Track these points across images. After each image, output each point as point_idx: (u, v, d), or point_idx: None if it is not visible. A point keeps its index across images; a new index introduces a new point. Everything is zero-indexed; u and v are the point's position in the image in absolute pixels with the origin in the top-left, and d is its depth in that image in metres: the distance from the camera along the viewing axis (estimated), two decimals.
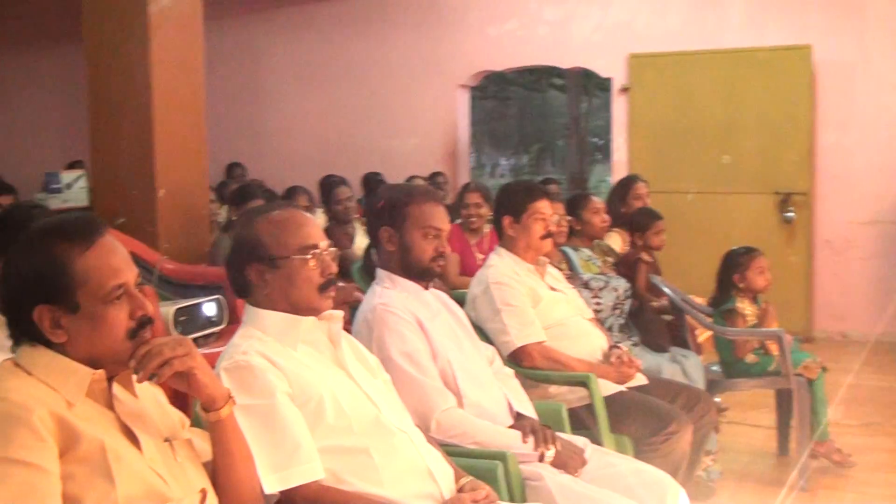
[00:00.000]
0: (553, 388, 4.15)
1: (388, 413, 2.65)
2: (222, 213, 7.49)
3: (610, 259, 5.74)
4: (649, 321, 5.19)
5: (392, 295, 3.28)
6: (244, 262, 2.67)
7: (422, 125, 9.98)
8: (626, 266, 5.62)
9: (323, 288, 2.66)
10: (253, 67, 10.67)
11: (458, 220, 6.47)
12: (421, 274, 3.34)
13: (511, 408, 3.38)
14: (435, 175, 9.33)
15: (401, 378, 3.10)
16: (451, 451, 3.03)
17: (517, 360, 4.12)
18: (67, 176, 6.91)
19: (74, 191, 6.76)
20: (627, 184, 6.60)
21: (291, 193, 7.37)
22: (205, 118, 6.55)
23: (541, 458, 3.16)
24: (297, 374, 2.53)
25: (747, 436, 5.82)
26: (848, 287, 8.71)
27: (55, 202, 6.61)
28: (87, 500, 1.92)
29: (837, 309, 8.74)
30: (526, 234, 4.30)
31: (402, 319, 3.18)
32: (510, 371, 3.63)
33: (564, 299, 4.36)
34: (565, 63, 9.83)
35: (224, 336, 4.28)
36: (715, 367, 5.37)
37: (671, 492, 3.25)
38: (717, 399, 6.17)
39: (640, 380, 4.32)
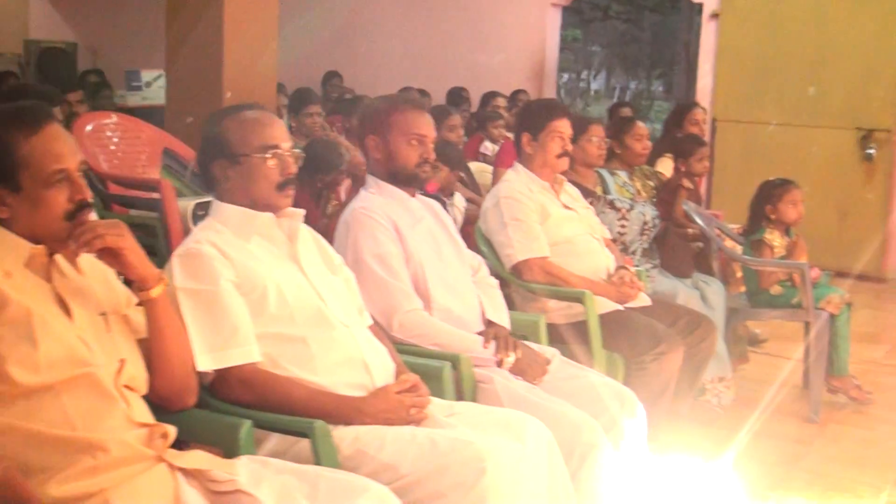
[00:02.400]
0: (552, 303, 4.28)
1: (333, 307, 2.83)
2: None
3: (651, 184, 5.78)
4: (674, 246, 5.24)
5: (374, 200, 3.45)
6: (210, 158, 2.87)
7: (510, 42, 10.02)
8: (666, 191, 5.66)
9: (281, 186, 2.84)
10: None
11: None
12: (407, 180, 3.50)
13: (484, 316, 3.53)
14: (517, 93, 9.39)
15: (370, 278, 3.28)
16: (410, 351, 3.23)
17: (518, 272, 4.27)
18: (148, 74, 7.21)
19: (154, 89, 7.06)
20: (684, 109, 6.58)
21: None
22: (277, 28, 6.73)
23: (500, 364, 3.32)
24: (244, 265, 2.73)
25: (777, 367, 5.85)
26: None
27: (135, 99, 6.91)
28: (11, 358, 2.16)
29: None
30: (542, 151, 4.40)
31: (377, 223, 3.35)
32: (494, 282, 3.76)
33: (576, 218, 4.47)
34: None
35: None
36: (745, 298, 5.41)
37: (628, 405, 3.39)
38: (756, 331, 6.27)
39: (642, 300, 4.42)
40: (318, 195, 5.14)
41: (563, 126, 4.40)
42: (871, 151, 8.41)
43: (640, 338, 4.12)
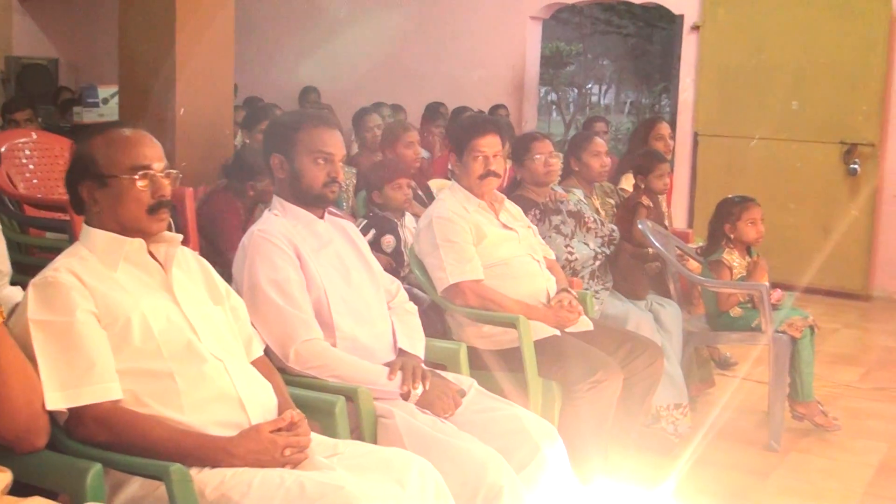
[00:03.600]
0: (486, 328, 4.08)
1: (207, 340, 2.63)
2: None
3: (611, 201, 5.58)
4: (627, 267, 5.03)
5: (276, 222, 3.25)
6: (77, 179, 2.67)
7: (490, 56, 9.83)
8: (624, 210, 5.45)
9: (153, 210, 2.65)
10: None
11: None
12: (313, 201, 3.30)
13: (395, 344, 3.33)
14: (496, 108, 9.20)
15: (266, 306, 3.09)
16: (305, 384, 3.03)
17: (451, 296, 4.07)
18: (104, 91, 7.05)
19: (111, 106, 6.90)
20: (650, 124, 6.36)
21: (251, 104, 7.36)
22: (233, 45, 6.56)
23: (406, 397, 3.11)
24: (106, 295, 2.52)
25: (745, 392, 5.62)
26: None
27: (91, 116, 6.74)
28: None
29: None
30: (466, 172, 4.20)
31: (276, 247, 3.15)
32: (412, 308, 3.56)
33: (515, 238, 4.26)
34: None
35: None
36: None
37: (548, 439, 3.19)
38: (726, 353, 6.05)
39: (584, 325, 4.21)
40: (251, 204, 4.95)
41: (487, 145, 4.16)
42: (856, 166, 8.17)
43: (576, 365, 3.91)
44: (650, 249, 5.27)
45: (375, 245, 5.04)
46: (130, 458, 2.41)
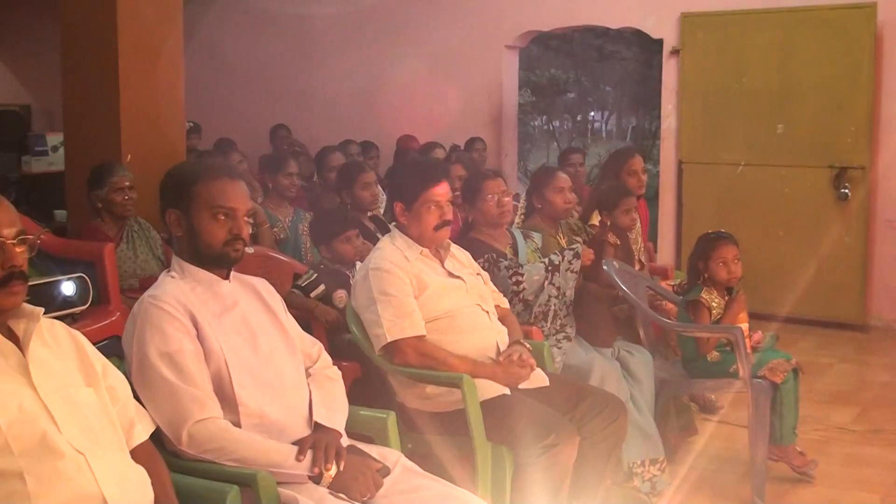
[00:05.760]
0: (429, 389, 3.74)
1: (69, 431, 2.28)
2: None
3: (578, 239, 5.22)
4: (591, 311, 4.66)
5: (171, 286, 2.89)
6: None
7: (465, 87, 9.49)
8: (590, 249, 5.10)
9: (2, 283, 2.31)
10: (300, 29, 10.35)
11: None
12: (215, 261, 2.95)
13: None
14: (473, 141, 8.88)
15: (155, 382, 2.74)
16: (198, 470, 2.68)
17: (390, 355, 3.72)
18: (54, 138, 6.73)
19: (60, 154, 6.57)
20: (622, 157, 5.94)
21: (222, 146, 7.11)
22: (183, 83, 6.28)
23: (318, 480, 2.75)
24: None
25: (732, 439, 5.24)
26: None
27: (40, 165, 6.42)
28: None
29: None
30: (417, 223, 3.86)
31: (168, 315, 2.79)
32: (333, 373, 3.19)
33: (461, 287, 3.91)
34: (615, 23, 9.17)
35: (86, 317, 3.97)
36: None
37: None
38: (711, 396, 5.66)
39: (538, 381, 3.85)
40: None
41: (441, 193, 3.84)
42: (846, 190, 7.80)
43: (528, 427, 3.56)
44: (619, 291, 4.91)
45: (327, 300, 4.71)
46: None
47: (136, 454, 2.51)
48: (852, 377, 6.72)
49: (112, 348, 2.96)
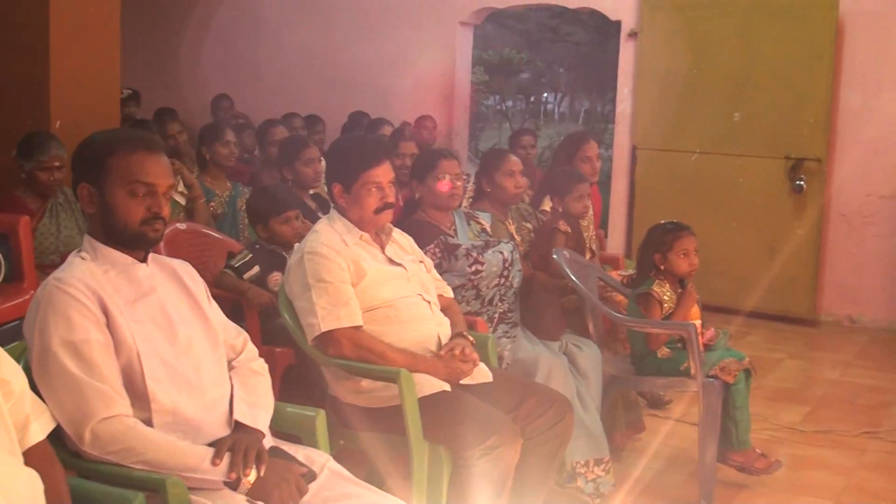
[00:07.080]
0: (365, 383, 3.51)
1: None
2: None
3: (528, 225, 5.01)
4: (538, 302, 4.44)
5: (80, 268, 2.62)
6: None
7: (418, 64, 9.23)
8: (540, 236, 4.89)
9: None
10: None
11: None
12: (131, 241, 2.68)
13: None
14: (423, 119, 8.63)
15: (56, 374, 2.47)
16: (107, 474, 2.42)
17: (324, 346, 3.48)
18: None
19: None
20: (576, 141, 5.73)
21: (162, 116, 6.86)
22: (118, 48, 5.99)
23: (235, 486, 2.51)
24: None
25: (682, 436, 5.07)
26: (861, 267, 7.77)
27: None
28: None
29: (848, 291, 7.83)
30: (357, 205, 3.62)
31: (74, 300, 2.52)
32: (259, 367, 2.95)
33: (402, 275, 3.67)
34: (573, 2, 8.92)
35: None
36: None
37: None
38: (660, 391, 5.48)
39: (481, 376, 3.63)
40: None
41: (382, 174, 3.61)
42: (801, 183, 7.65)
43: (468, 427, 3.35)
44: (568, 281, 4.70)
45: (261, 283, 4.46)
46: None
47: (30, 456, 2.25)
48: (802, 374, 6.59)
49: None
